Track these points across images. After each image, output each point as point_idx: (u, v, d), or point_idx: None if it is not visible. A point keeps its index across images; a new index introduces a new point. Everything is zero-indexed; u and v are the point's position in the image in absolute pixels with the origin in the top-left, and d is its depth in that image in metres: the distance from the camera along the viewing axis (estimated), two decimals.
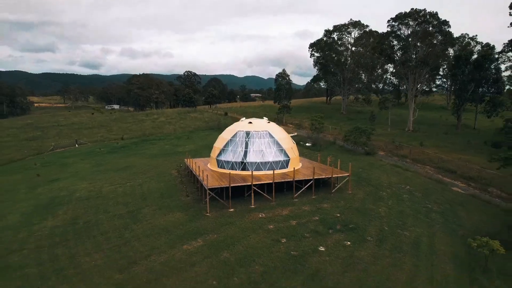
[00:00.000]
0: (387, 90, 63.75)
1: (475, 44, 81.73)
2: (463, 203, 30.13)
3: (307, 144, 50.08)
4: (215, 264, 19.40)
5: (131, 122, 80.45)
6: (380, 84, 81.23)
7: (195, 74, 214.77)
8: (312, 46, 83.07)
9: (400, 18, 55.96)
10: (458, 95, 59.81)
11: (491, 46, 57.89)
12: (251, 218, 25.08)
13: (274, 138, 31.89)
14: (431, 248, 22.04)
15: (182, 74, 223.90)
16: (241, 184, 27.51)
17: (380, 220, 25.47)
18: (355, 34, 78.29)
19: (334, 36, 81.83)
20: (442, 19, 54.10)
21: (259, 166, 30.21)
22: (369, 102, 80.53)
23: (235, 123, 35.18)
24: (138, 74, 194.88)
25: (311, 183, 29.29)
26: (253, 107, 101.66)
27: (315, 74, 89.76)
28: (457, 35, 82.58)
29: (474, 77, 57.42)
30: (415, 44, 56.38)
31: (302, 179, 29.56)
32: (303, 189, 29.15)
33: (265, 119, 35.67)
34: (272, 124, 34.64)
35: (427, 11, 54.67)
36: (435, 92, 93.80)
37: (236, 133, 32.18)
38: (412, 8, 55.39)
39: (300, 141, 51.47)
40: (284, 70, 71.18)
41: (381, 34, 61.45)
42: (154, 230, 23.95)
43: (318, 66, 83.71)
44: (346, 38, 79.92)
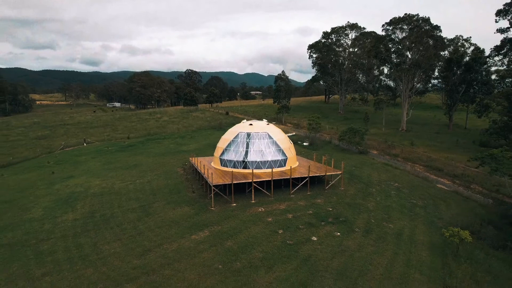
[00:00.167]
0: (382, 91, 66.18)
1: (469, 45, 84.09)
2: (445, 198, 32.93)
3: (305, 143, 52.84)
4: (220, 251, 22.20)
5: (136, 121, 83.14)
6: (376, 85, 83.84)
7: (196, 72, 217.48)
8: (310, 47, 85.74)
9: (394, 23, 58.52)
10: (449, 96, 62.41)
11: (481, 49, 60.45)
12: (252, 211, 27.84)
13: (273, 139, 34.64)
14: (411, 238, 24.83)
15: (183, 73, 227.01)
16: (242, 181, 30.27)
17: (368, 214, 28.24)
18: (352, 35, 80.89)
19: (332, 37, 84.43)
20: (434, 24, 56.72)
21: (259, 165, 32.96)
22: (366, 102, 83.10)
23: (237, 125, 37.87)
24: (139, 71, 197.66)
25: (306, 180, 32.03)
26: (253, 106, 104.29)
27: (314, 74, 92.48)
28: (451, 36, 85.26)
29: (465, 79, 60.03)
30: (409, 48, 58.97)
31: (298, 176, 32.29)
32: (299, 185, 31.91)
33: (264, 121, 38.40)
34: (271, 125, 37.37)
35: (419, 16, 57.29)
36: (430, 92, 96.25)
37: (238, 134, 34.93)
38: (405, 13, 57.96)
39: (298, 140, 54.25)
40: (283, 72, 73.82)
41: (376, 37, 63.96)
42: (165, 222, 26.75)
43: (317, 67, 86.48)
44: (344, 40, 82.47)
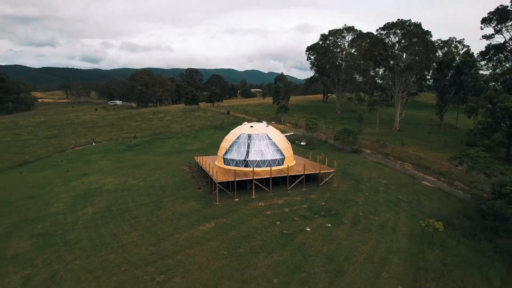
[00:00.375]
0: (376, 93, 69.09)
1: (462, 47, 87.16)
2: (429, 194, 36.16)
3: (302, 143, 56.03)
4: (225, 240, 25.45)
5: (140, 121, 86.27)
6: (371, 86, 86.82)
7: (197, 71, 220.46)
8: (308, 49, 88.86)
9: (388, 28, 61.47)
10: (440, 97, 65.49)
11: (470, 53, 63.37)
12: (253, 206, 31.04)
13: (271, 139, 37.83)
14: (393, 229, 28.07)
15: (184, 71, 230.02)
16: (244, 179, 33.48)
17: (357, 208, 31.45)
18: (349, 38, 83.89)
19: (330, 39, 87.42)
20: (425, 29, 59.65)
21: (259, 164, 36.15)
22: (362, 102, 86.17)
23: (239, 127, 41.01)
24: (139, 69, 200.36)
25: (302, 177, 35.25)
26: (253, 106, 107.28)
27: (313, 75, 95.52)
28: (445, 38, 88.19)
29: (455, 81, 63.08)
30: (401, 51, 61.98)
31: (295, 174, 35.49)
32: (296, 182, 35.12)
33: (264, 123, 41.59)
34: (270, 127, 40.52)
35: (412, 22, 60.24)
36: (425, 91, 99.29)
37: (240, 135, 38.11)
38: (398, 19, 60.88)
39: (296, 140, 57.43)
40: (282, 73, 76.99)
41: (371, 42, 66.97)
42: (175, 215, 29.99)
43: (315, 68, 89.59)
44: (341, 41, 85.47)
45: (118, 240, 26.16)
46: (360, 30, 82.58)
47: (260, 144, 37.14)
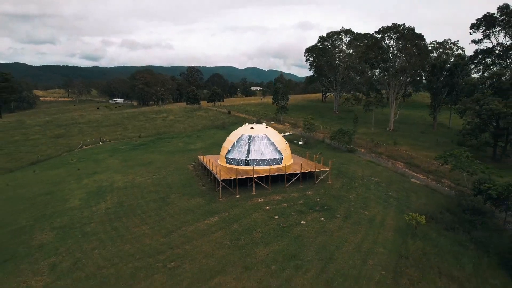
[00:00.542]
0: (372, 94, 71.52)
1: (456, 48, 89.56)
2: (416, 191, 38.88)
3: (300, 142, 58.71)
4: (228, 232, 28.18)
5: (144, 120, 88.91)
6: (367, 87, 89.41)
7: (198, 70, 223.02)
8: (307, 51, 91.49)
9: (383, 32, 63.95)
10: (434, 98, 68.03)
11: (461, 56, 65.83)
12: (253, 201, 33.76)
13: (270, 140, 40.52)
14: (381, 222, 30.78)
15: (185, 70, 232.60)
16: (245, 177, 36.21)
17: (349, 203, 34.16)
18: (346, 40, 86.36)
19: (329, 41, 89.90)
20: (418, 33, 62.10)
21: (259, 163, 38.84)
22: (359, 102, 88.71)
23: (240, 128, 43.68)
24: (139, 66, 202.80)
25: (299, 175, 37.96)
26: (253, 105, 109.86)
27: (311, 75, 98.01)
28: (440, 39, 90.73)
29: (448, 82, 65.62)
30: (395, 55, 64.50)
31: (292, 172, 38.19)
32: (293, 180, 37.83)
33: (263, 125, 44.25)
34: (269, 128, 43.21)
35: (405, 26, 62.71)
36: (421, 91, 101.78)
37: (241, 136, 40.80)
38: (393, 23, 63.34)
39: (294, 139, 60.10)
40: (281, 75, 79.54)
41: (366, 45, 69.49)
42: (182, 210, 32.73)
43: (313, 69, 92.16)
44: (339, 43, 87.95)
45: (131, 233, 28.92)
46: (357, 32, 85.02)
47: (260, 144, 39.82)
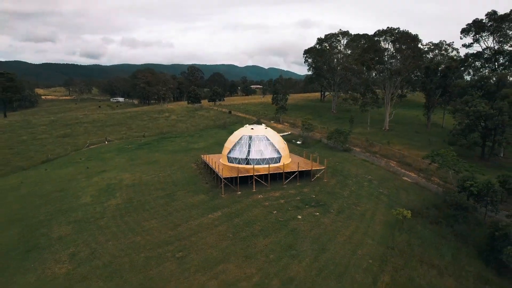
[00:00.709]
0: (367, 94, 73.69)
1: (451, 50, 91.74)
2: (406, 188, 41.45)
3: (298, 142, 61.21)
4: (230, 225, 30.72)
5: (147, 120, 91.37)
6: (364, 88, 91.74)
7: (198, 69, 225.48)
8: (306, 52, 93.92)
9: (378, 35, 66.30)
10: (427, 99, 70.48)
11: (454, 58, 68.16)
12: (253, 198, 36.29)
13: (270, 140, 43.02)
14: (372, 217, 33.34)
15: (185, 68, 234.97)
16: (245, 175, 38.73)
17: (343, 200, 36.70)
18: (344, 42, 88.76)
19: (327, 42, 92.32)
20: (414, 34, 64.46)
21: (259, 162, 41.36)
22: (356, 102, 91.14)
23: (241, 129, 46.15)
24: (139, 64, 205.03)
25: (296, 173, 40.48)
26: (253, 105, 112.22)
27: (310, 76, 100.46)
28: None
29: (441, 84, 68.04)
30: (391, 57, 66.92)
31: (290, 171, 40.71)
32: (290, 178, 40.36)
33: (263, 126, 46.74)
34: (268, 129, 45.72)
35: (400, 30, 65.09)
36: (417, 91, 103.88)
37: (242, 136, 43.30)
38: (388, 27, 65.78)
39: (293, 139, 62.59)
40: (281, 76, 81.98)
41: (362, 47, 71.88)
42: (187, 206, 35.26)
43: (312, 70, 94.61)
44: (336, 45, 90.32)
45: (141, 226, 31.47)
46: (354, 34, 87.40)
47: (259, 144, 42.32)
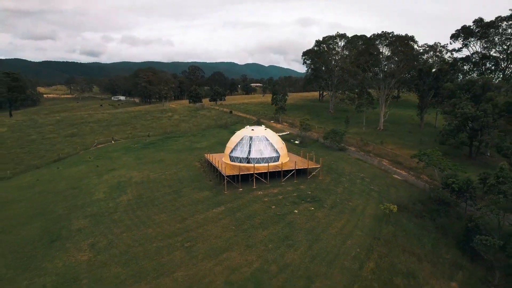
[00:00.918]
0: (363, 95, 76.51)
1: (446, 51, 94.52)
2: (396, 185, 44.55)
3: (296, 141, 64.24)
4: (233, 219, 33.82)
5: (151, 120, 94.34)
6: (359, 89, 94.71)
7: (199, 68, 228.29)
8: (304, 54, 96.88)
9: (374, 39, 69.16)
10: (420, 100, 73.42)
11: (446, 61, 71.02)
12: (253, 194, 39.35)
13: (269, 141, 46.08)
14: (362, 211, 36.42)
15: (185, 67, 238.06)
16: (246, 173, 41.80)
17: (336, 196, 39.77)
18: (341, 44, 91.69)
19: (325, 45, 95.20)
20: (410, 35, 67.38)
21: (259, 161, 44.42)
22: (353, 102, 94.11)
23: (242, 129, 49.19)
24: (140, 62, 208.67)
25: (293, 171, 43.55)
26: (254, 105, 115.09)
27: (309, 77, 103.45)
28: (431, 43, 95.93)
29: (433, 86, 70.95)
30: (386, 60, 69.87)
31: (288, 169, 43.79)
32: (288, 176, 43.44)
33: (263, 127, 49.80)
34: (268, 130, 48.77)
35: (394, 34, 67.94)
36: (413, 91, 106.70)
37: (243, 137, 46.35)
38: (382, 31, 68.66)
39: (291, 139, 65.61)
40: (280, 77, 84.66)
41: (359, 51, 74.82)
42: (193, 201, 38.35)
43: (310, 71, 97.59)
44: (334, 46, 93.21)
45: (152, 220, 34.57)
46: (351, 36, 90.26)
47: (259, 144, 45.38)
